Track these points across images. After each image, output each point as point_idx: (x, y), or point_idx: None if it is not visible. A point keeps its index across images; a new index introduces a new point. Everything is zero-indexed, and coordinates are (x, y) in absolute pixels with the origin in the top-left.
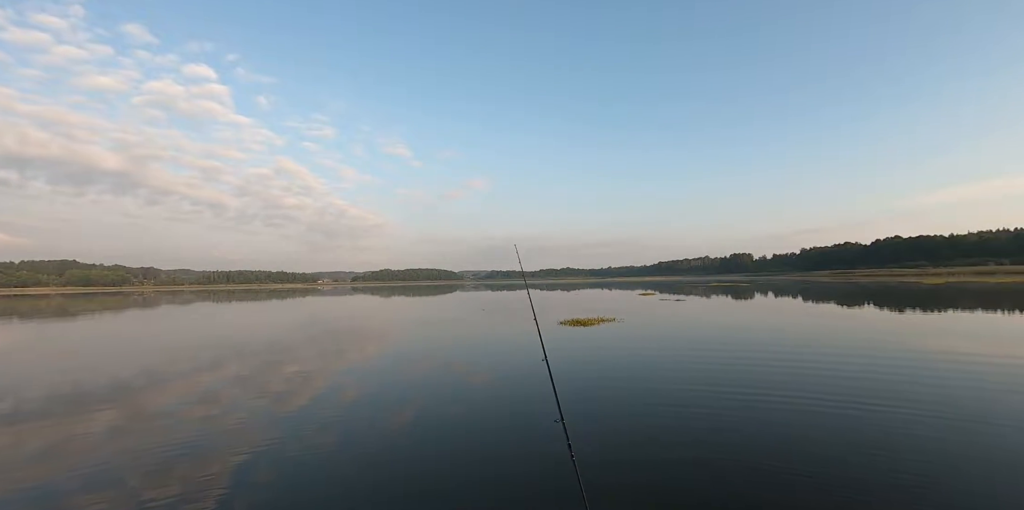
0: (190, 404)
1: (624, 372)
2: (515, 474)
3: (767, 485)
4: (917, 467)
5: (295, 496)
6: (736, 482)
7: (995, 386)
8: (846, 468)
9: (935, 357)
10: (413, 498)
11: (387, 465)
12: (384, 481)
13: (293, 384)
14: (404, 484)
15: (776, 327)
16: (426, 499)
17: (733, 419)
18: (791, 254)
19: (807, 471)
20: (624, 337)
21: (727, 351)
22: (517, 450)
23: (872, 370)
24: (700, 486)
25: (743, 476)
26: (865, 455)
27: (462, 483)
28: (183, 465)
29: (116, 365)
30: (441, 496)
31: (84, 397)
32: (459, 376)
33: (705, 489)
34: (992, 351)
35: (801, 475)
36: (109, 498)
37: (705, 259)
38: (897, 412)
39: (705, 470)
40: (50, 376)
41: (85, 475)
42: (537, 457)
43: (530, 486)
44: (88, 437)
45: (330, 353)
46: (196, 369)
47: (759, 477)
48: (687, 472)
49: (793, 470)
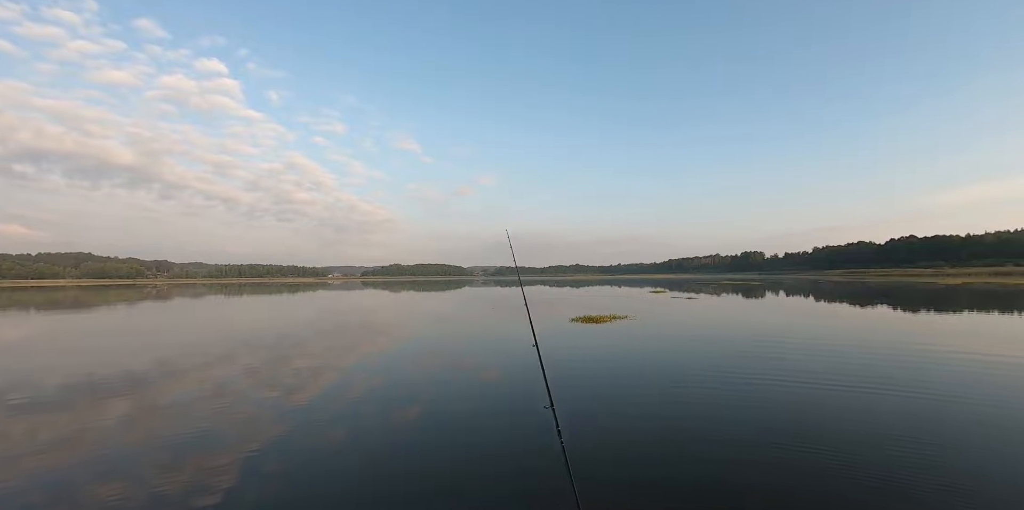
0: (201, 396)
1: (636, 369)
2: (510, 463)
3: (765, 478)
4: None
5: (302, 487)
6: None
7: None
8: (847, 457)
9: (918, 346)
10: (416, 494)
11: (392, 458)
12: (388, 474)
13: (303, 378)
14: (408, 478)
15: (786, 326)
16: (430, 493)
17: (753, 417)
18: (803, 253)
19: (808, 467)
20: (637, 335)
21: (740, 349)
22: (512, 443)
23: (873, 364)
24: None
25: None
26: (869, 445)
27: (464, 477)
28: (193, 456)
29: (129, 357)
30: (444, 492)
31: (98, 388)
32: (465, 372)
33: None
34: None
35: (803, 470)
36: (121, 487)
37: (716, 257)
38: (914, 400)
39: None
40: (65, 367)
41: (98, 465)
42: (532, 446)
43: (523, 472)
44: (101, 428)
45: (339, 348)
46: (207, 362)
47: (758, 471)
48: (706, 470)
49: (792, 468)
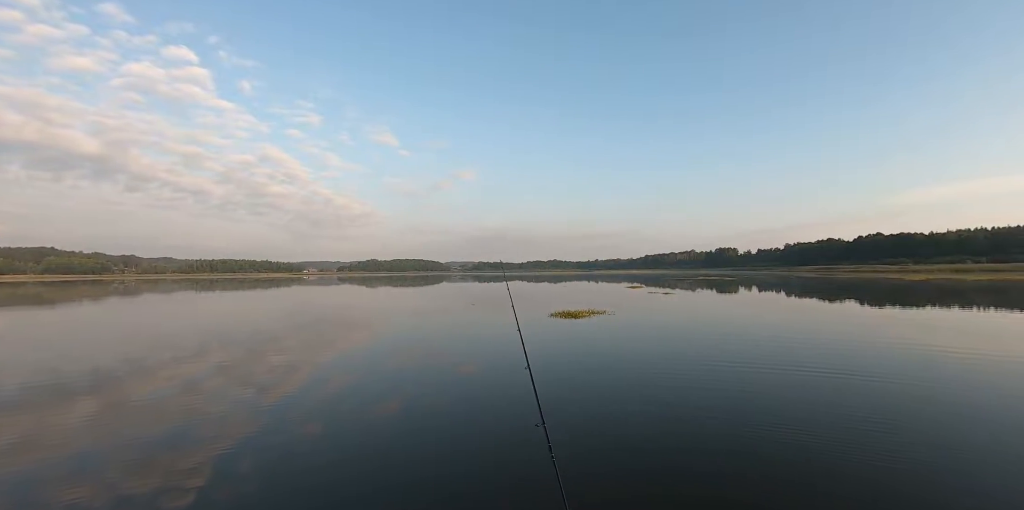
0: (170, 395)
1: (614, 364)
2: (496, 474)
3: (753, 487)
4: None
5: (276, 487)
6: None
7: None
8: (837, 452)
9: (881, 339)
10: (394, 490)
11: (368, 457)
12: (365, 473)
13: (276, 375)
14: (385, 476)
15: (758, 320)
16: (407, 490)
17: (728, 417)
18: (776, 249)
19: (797, 474)
20: (616, 329)
21: (717, 345)
22: (499, 453)
23: (840, 350)
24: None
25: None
26: (846, 429)
27: (440, 472)
28: (163, 456)
29: (94, 355)
30: (422, 487)
31: (61, 387)
32: (442, 369)
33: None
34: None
35: (791, 477)
36: (87, 489)
37: (691, 253)
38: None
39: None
40: (26, 366)
41: (61, 466)
42: (518, 459)
43: (514, 488)
44: (65, 428)
45: (313, 344)
46: (176, 359)
47: (739, 478)
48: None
49: (781, 477)
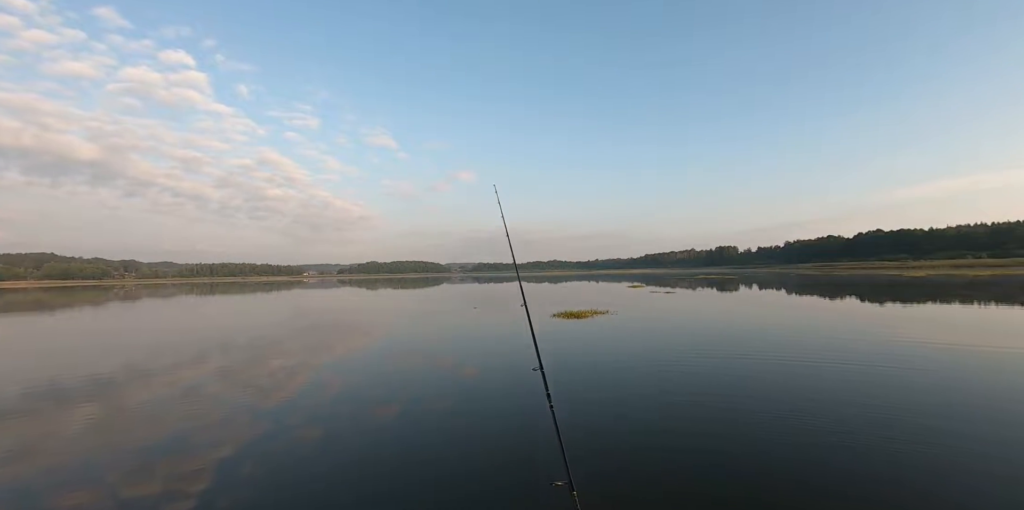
0: (171, 400)
1: (621, 365)
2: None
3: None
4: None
5: (278, 493)
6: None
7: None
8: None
9: (879, 333)
10: (396, 497)
11: (371, 463)
12: (367, 479)
13: (277, 379)
14: (388, 483)
15: (770, 320)
16: (409, 497)
17: (733, 419)
18: (775, 247)
19: (790, 452)
20: (620, 330)
21: (724, 344)
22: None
23: (840, 348)
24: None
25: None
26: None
27: (441, 482)
28: (164, 461)
29: (95, 360)
30: (425, 494)
31: (62, 394)
32: (445, 371)
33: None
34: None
35: (784, 453)
36: (88, 495)
37: (691, 252)
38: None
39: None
40: (26, 372)
41: (63, 472)
42: (522, 445)
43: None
44: (66, 434)
45: (314, 348)
46: (177, 364)
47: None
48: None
49: (779, 457)
